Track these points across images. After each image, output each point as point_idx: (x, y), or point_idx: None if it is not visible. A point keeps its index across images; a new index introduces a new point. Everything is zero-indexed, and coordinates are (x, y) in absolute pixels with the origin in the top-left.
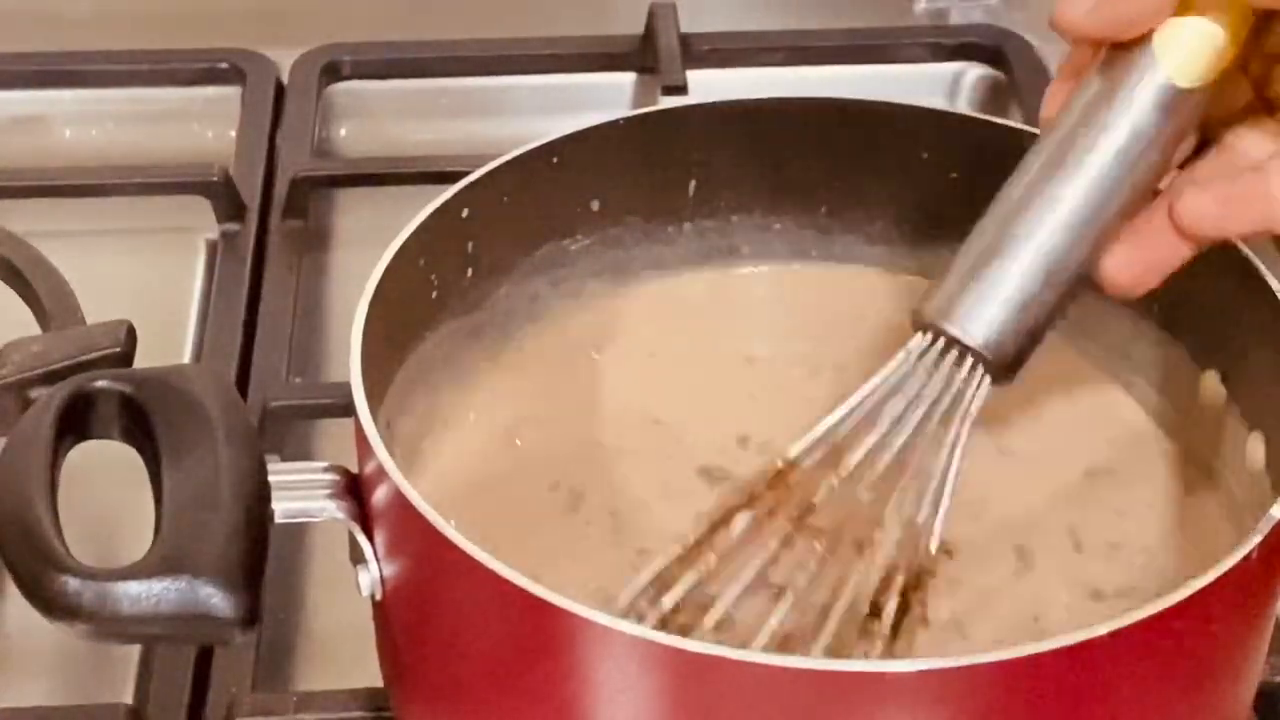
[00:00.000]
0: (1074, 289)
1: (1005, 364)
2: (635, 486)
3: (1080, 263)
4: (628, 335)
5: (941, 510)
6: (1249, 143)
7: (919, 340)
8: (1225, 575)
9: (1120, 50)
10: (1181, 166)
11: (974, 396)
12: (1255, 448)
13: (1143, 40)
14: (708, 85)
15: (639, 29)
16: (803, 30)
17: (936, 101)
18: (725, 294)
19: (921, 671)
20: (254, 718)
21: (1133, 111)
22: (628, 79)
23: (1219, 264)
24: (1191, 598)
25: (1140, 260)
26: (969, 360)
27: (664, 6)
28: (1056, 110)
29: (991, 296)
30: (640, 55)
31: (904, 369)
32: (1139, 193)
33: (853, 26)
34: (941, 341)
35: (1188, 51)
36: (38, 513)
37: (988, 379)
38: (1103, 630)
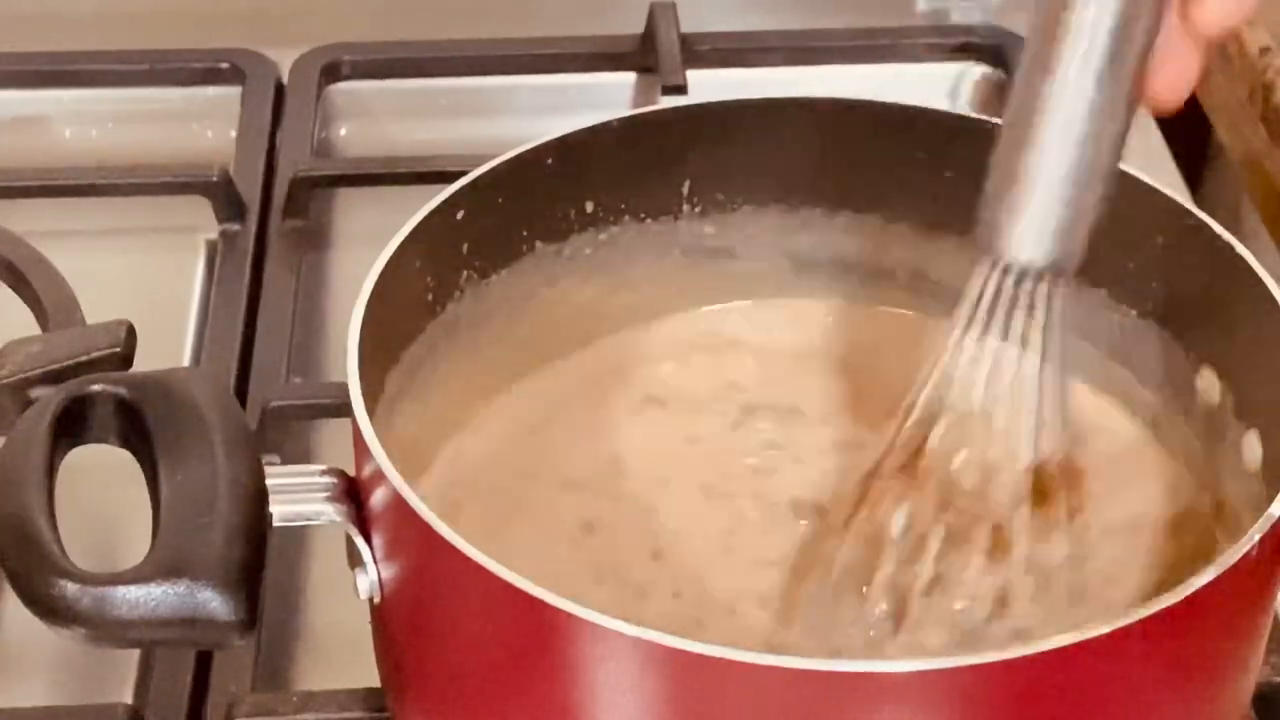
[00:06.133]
0: (1111, 169)
1: (1071, 264)
2: (632, 488)
3: (1107, 147)
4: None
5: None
6: None
7: (983, 271)
8: (1224, 574)
9: None
10: None
11: (1055, 307)
12: (1251, 446)
13: None
14: (708, 85)
15: (639, 29)
16: (803, 30)
17: (936, 101)
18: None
19: (920, 671)
20: (254, 718)
21: None
22: (628, 79)
23: (1215, 262)
24: (1190, 597)
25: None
26: (1033, 278)
27: (664, 6)
28: None
29: (1034, 212)
30: (640, 55)
31: (981, 303)
32: (1151, 32)
33: (853, 26)
34: (1001, 268)
35: None
36: (35, 517)
37: (1059, 286)
38: (1103, 630)
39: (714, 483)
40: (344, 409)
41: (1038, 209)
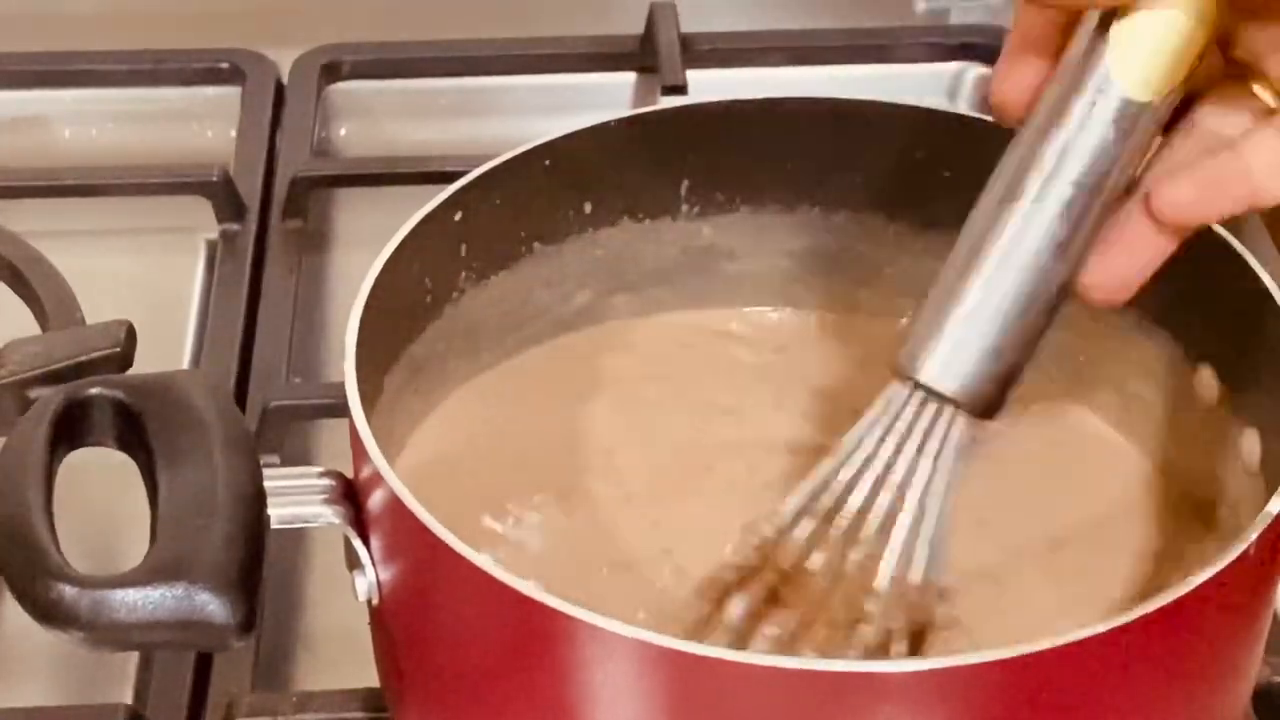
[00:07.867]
0: (1047, 320)
1: (984, 406)
2: (626, 491)
3: (1050, 295)
4: (621, 338)
5: (927, 556)
6: (1219, 120)
7: (896, 388)
8: (1223, 572)
9: (1076, 51)
10: None
11: (953, 440)
12: (1250, 444)
13: (1097, 37)
14: (708, 85)
15: (639, 29)
16: (803, 30)
17: (936, 101)
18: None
19: (920, 671)
20: (253, 718)
21: (1090, 135)
22: (628, 79)
23: (1213, 261)
24: (1189, 595)
25: (1123, 266)
26: (946, 406)
27: (664, 6)
28: (1003, 94)
29: (962, 343)
30: (640, 55)
31: (883, 418)
32: (1107, 208)
33: (853, 26)
34: (918, 390)
35: (1145, 60)
36: (33, 520)
37: (965, 421)
38: (1102, 629)
39: (706, 481)
40: (345, 409)
41: (958, 336)
